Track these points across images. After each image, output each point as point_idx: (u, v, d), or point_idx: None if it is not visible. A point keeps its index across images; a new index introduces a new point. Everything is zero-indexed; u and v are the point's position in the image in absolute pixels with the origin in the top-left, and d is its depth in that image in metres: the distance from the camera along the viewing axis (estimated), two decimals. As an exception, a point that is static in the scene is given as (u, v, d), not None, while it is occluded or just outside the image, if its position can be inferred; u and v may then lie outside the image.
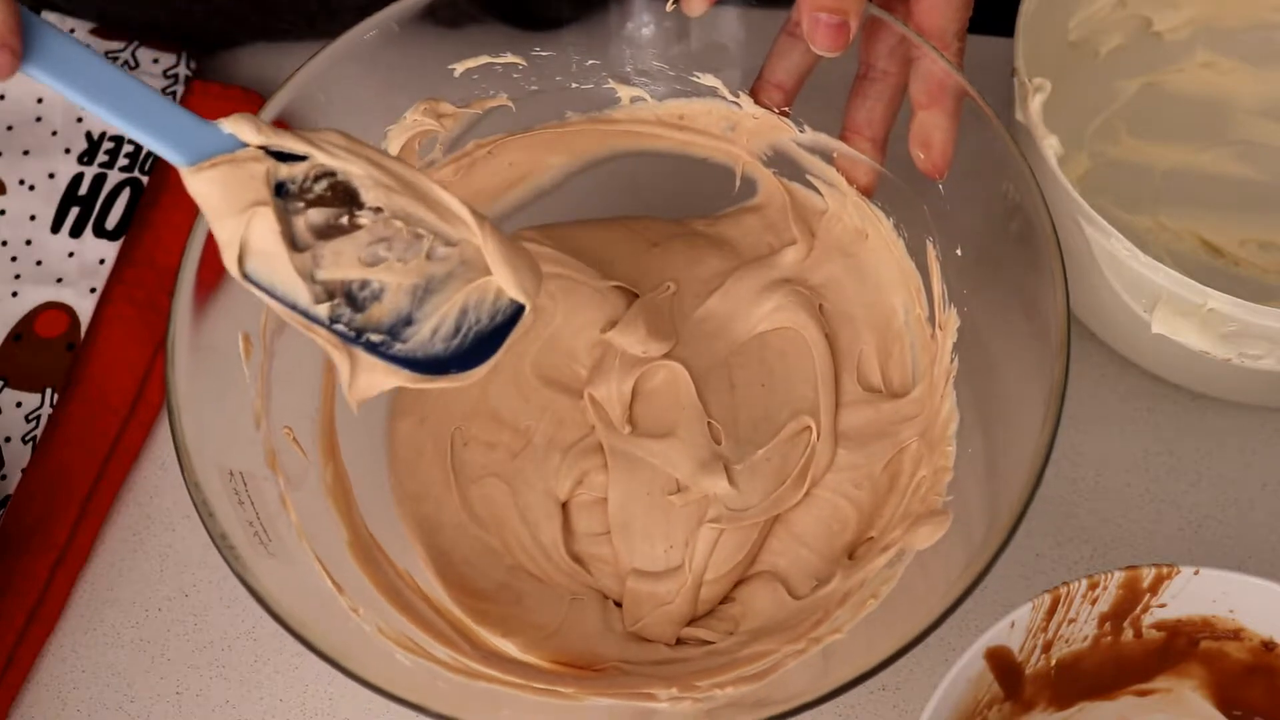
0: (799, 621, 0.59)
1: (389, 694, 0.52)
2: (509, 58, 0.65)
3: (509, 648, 0.61)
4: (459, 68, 0.65)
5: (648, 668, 0.60)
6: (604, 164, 0.70)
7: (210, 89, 0.80)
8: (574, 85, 0.68)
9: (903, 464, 0.63)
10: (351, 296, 0.50)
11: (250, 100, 0.80)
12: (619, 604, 0.63)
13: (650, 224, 0.71)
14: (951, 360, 0.62)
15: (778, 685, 0.56)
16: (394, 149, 0.65)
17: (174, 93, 0.79)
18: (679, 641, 0.61)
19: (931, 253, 0.64)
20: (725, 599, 0.62)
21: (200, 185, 0.48)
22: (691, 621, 0.62)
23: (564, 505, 0.64)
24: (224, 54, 0.83)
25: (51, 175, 0.78)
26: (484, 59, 0.65)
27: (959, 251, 0.63)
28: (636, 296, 0.68)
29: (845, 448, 0.64)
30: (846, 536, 0.62)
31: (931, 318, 0.64)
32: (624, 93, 0.68)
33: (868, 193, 0.65)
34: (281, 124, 0.54)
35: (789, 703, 0.52)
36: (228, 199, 0.48)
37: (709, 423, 0.64)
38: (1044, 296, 0.57)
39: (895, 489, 0.62)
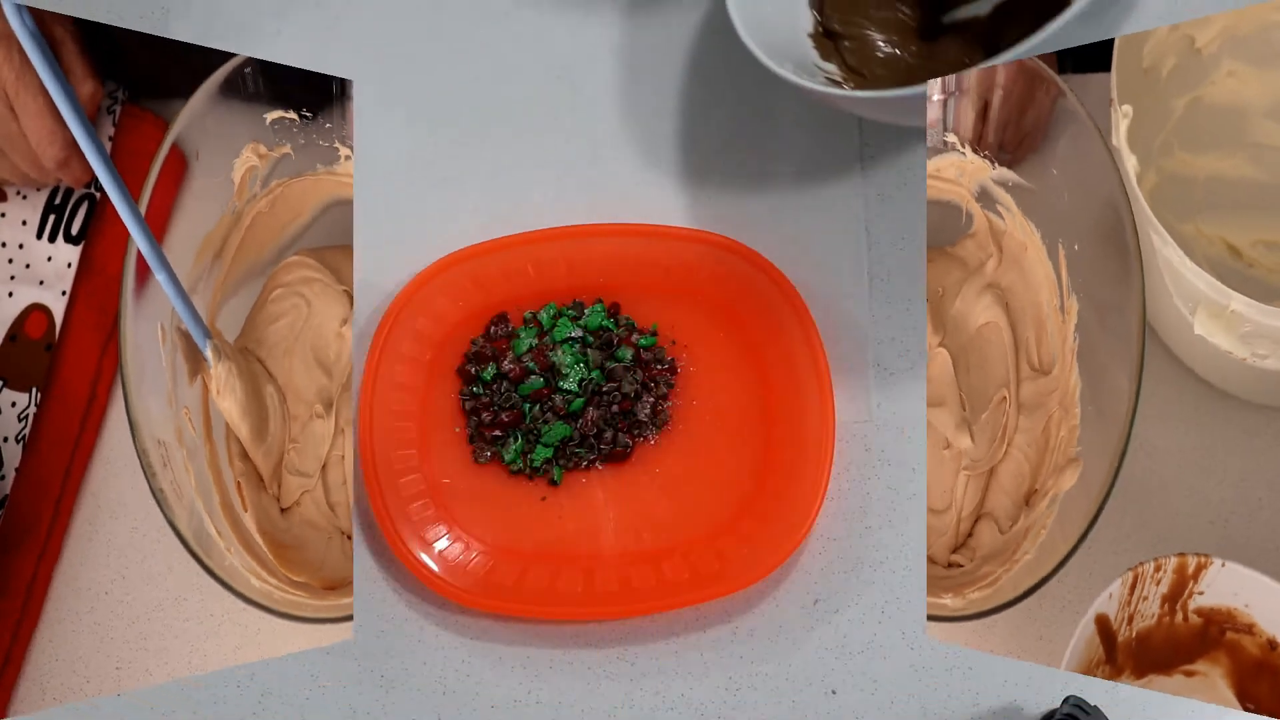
0: (1005, 548, 0.75)
1: (244, 597, 0.68)
2: (282, 113, 0.80)
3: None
4: (269, 117, 0.79)
5: None
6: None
7: (130, 110, 0.82)
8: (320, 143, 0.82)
9: (1050, 428, 0.77)
10: None
11: (158, 125, 0.83)
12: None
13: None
14: (1074, 339, 0.76)
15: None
16: (235, 178, 0.79)
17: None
18: (950, 565, 0.77)
19: (1061, 251, 0.76)
20: (970, 533, 0.78)
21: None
22: (955, 549, 0.77)
23: None
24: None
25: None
26: (277, 112, 0.79)
27: (1076, 247, 0.75)
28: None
29: (1022, 414, 0.78)
30: (1025, 487, 0.77)
31: (1061, 306, 0.77)
32: None
33: None
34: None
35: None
36: None
37: (959, 395, 0.79)
38: (1126, 279, 0.71)
39: (1048, 448, 0.77)
